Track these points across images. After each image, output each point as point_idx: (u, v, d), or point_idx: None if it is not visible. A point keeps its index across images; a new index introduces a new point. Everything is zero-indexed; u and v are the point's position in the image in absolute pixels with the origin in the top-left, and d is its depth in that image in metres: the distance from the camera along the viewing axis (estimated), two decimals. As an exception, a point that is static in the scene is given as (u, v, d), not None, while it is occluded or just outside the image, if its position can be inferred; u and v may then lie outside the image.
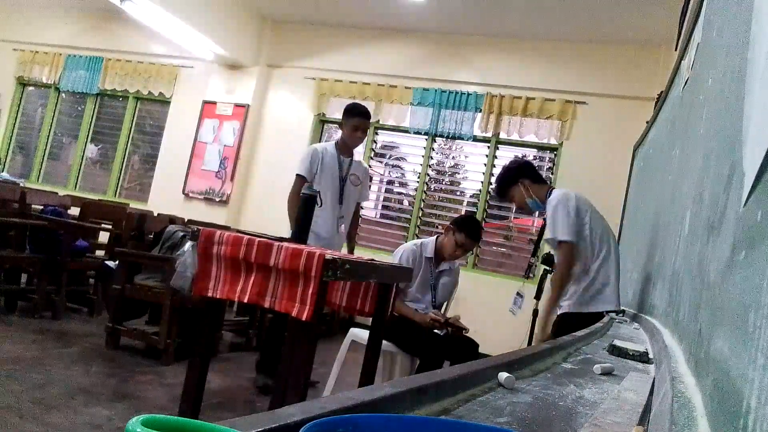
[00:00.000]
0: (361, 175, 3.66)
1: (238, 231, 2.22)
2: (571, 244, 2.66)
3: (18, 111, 8.10)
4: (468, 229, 3.15)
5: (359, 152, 3.61)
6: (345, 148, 3.54)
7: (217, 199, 6.67)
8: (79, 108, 7.81)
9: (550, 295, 2.85)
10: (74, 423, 2.26)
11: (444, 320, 3.04)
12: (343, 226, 3.56)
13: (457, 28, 6.07)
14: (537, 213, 2.86)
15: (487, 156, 6.00)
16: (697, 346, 0.83)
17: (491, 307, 5.21)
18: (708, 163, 1.04)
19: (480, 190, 5.98)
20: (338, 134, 3.67)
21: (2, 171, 6.78)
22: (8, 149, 8.02)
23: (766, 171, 0.47)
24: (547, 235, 2.77)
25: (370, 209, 6.39)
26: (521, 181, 2.84)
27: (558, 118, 5.70)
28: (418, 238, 4.63)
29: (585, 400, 0.88)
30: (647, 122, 3.82)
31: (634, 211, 3.86)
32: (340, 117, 3.66)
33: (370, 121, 3.70)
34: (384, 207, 6.51)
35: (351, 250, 3.76)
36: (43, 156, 7.89)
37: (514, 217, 6.08)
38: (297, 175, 3.45)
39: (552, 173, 5.81)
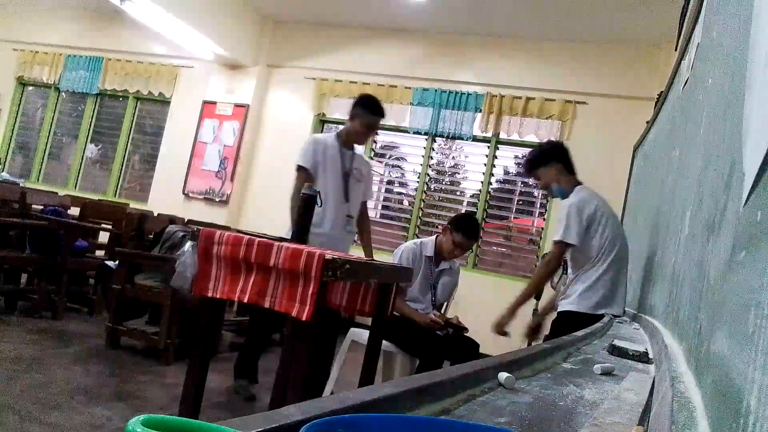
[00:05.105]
0: (365, 171, 3.35)
1: (238, 231, 2.21)
2: (565, 245, 2.64)
3: (18, 111, 8.10)
4: (465, 228, 3.14)
5: (359, 150, 3.44)
6: (348, 141, 3.21)
7: (217, 199, 6.67)
8: (79, 108, 7.81)
9: (525, 288, 2.83)
10: (74, 423, 2.26)
11: (444, 323, 3.04)
12: (350, 226, 3.26)
13: (457, 28, 6.07)
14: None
15: (487, 156, 6.00)
16: (697, 346, 0.83)
17: (491, 307, 5.17)
18: (708, 163, 1.04)
19: (480, 190, 5.98)
20: (334, 131, 3.50)
21: (2, 171, 6.77)
22: (8, 149, 8.02)
23: (766, 171, 0.47)
24: (554, 236, 2.73)
25: (369, 209, 6.35)
26: (554, 164, 2.79)
27: (558, 118, 5.70)
28: (418, 237, 4.62)
29: (585, 400, 0.88)
30: (647, 122, 3.83)
31: (634, 211, 3.86)
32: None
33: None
34: (384, 207, 6.50)
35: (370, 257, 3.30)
36: (43, 156, 7.89)
37: (514, 217, 6.08)
38: (298, 166, 3.11)
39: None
